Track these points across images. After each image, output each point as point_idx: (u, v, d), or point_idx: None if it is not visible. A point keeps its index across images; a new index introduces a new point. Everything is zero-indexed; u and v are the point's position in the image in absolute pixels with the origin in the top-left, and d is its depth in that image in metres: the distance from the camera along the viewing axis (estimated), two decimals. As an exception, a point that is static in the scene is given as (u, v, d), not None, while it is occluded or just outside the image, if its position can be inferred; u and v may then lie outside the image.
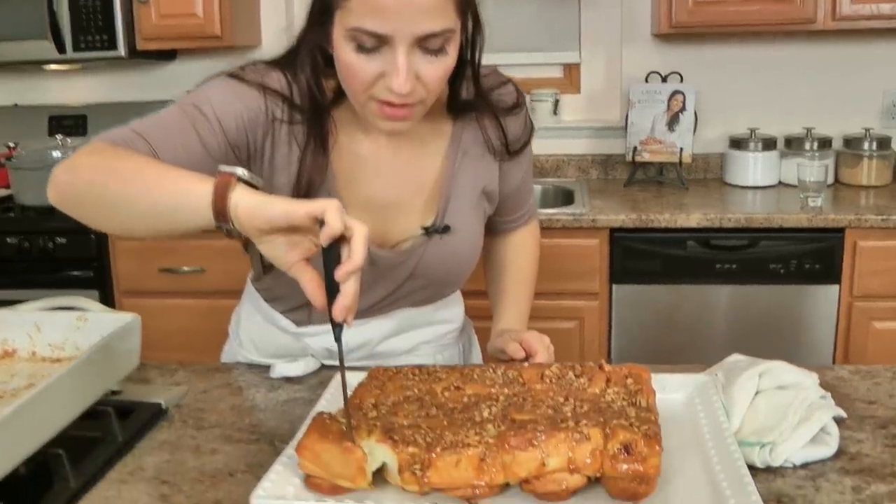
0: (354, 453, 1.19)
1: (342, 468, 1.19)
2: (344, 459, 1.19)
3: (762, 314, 3.23)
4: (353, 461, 1.19)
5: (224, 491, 1.31)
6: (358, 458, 1.19)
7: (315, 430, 1.23)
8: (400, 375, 1.46)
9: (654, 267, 3.25)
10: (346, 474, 1.19)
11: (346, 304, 1.20)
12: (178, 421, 1.54)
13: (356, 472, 1.19)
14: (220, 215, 1.22)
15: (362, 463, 1.19)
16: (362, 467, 1.19)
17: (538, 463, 1.18)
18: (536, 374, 1.43)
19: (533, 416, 1.28)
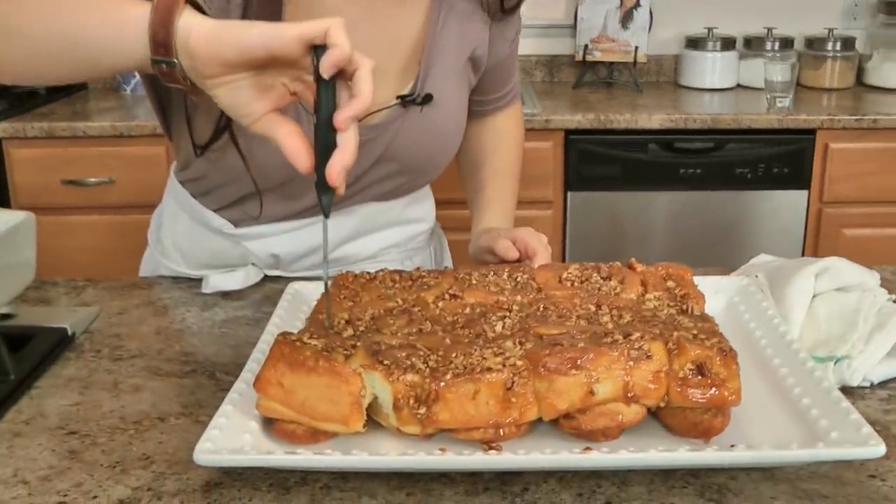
0: (349, 383, 0.86)
1: (329, 406, 0.86)
2: (331, 394, 0.86)
3: (727, 222, 2.98)
4: (346, 395, 0.86)
5: (153, 442, 0.97)
6: (353, 389, 0.86)
7: (282, 356, 0.90)
8: (376, 283, 1.13)
9: (613, 172, 2.97)
10: (335, 414, 0.86)
11: (346, 162, 0.87)
12: (88, 351, 1.18)
13: (350, 409, 0.86)
14: (161, 46, 0.87)
15: (359, 396, 0.86)
16: (358, 402, 0.86)
17: (584, 391, 0.87)
18: (553, 276, 1.11)
19: (564, 330, 0.96)
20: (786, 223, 2.98)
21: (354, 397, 0.86)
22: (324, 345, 0.91)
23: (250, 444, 0.89)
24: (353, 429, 0.86)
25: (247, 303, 1.33)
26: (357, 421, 0.86)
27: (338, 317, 1.03)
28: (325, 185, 0.89)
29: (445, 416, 0.87)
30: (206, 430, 0.89)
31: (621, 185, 2.95)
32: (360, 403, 0.86)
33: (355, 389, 0.86)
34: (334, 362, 0.87)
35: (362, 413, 0.86)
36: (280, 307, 1.17)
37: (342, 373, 0.86)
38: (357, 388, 0.86)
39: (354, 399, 0.86)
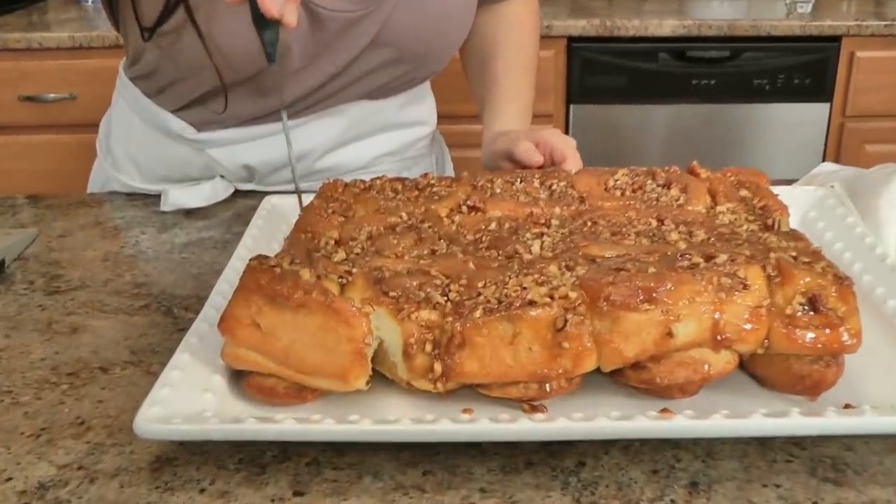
0: (351, 325, 0.63)
1: (322, 355, 0.63)
2: (325, 338, 0.63)
3: (742, 137, 2.73)
4: (346, 340, 0.63)
5: (91, 402, 0.74)
6: (356, 333, 0.63)
7: (257, 287, 0.66)
8: (373, 193, 0.89)
9: (619, 83, 2.71)
10: (330, 366, 0.63)
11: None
12: (20, 282, 0.95)
13: (351, 360, 0.63)
14: None
15: (363, 342, 0.63)
16: (361, 351, 0.63)
17: (660, 332, 0.64)
18: (597, 183, 0.88)
19: (623, 251, 0.73)
20: (805, 138, 2.73)
21: (357, 344, 0.62)
22: (311, 272, 0.68)
23: (213, 407, 0.66)
24: (354, 386, 0.64)
25: (213, 222, 1.09)
26: (359, 375, 0.63)
27: (325, 236, 0.80)
28: (264, 18, 0.67)
29: (473, 368, 0.64)
30: (154, 389, 0.66)
31: (628, 98, 2.68)
32: (364, 353, 0.63)
33: (359, 334, 0.62)
34: (331, 295, 0.63)
35: (366, 365, 0.63)
36: (253, 226, 0.93)
37: (342, 310, 0.62)
38: (361, 333, 0.62)
39: (356, 347, 0.63)
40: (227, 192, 1.15)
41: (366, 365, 0.63)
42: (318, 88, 1.08)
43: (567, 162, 1.03)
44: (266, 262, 0.67)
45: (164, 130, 1.14)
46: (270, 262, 0.68)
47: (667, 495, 0.61)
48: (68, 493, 0.63)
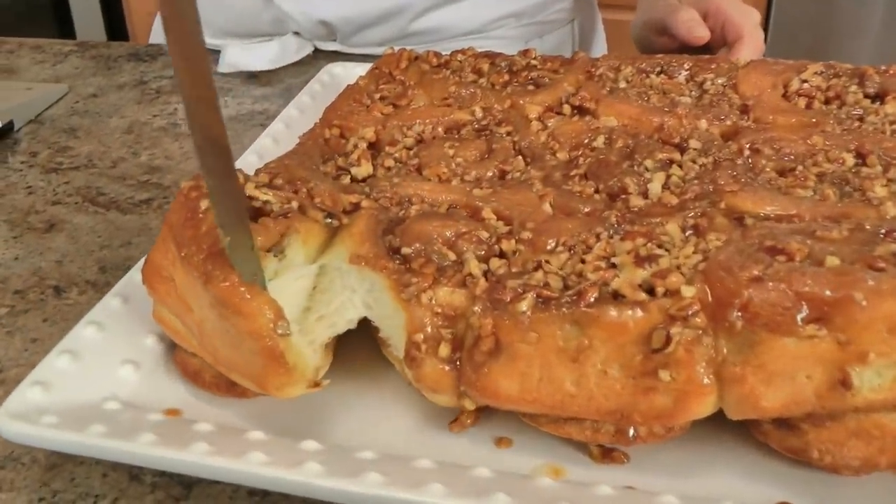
0: (246, 316, 0.38)
1: (233, 349, 0.39)
2: (224, 328, 0.39)
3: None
4: (247, 336, 0.38)
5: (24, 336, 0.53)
6: (257, 325, 0.38)
7: (172, 225, 0.42)
8: (445, 73, 0.61)
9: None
10: (246, 367, 0.39)
11: None
12: (21, 152, 0.75)
13: (264, 360, 0.38)
14: None
15: (269, 334, 0.38)
16: (272, 348, 0.38)
17: (831, 376, 0.35)
18: (772, 84, 0.57)
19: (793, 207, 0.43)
20: None
21: (263, 342, 0.38)
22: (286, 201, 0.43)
23: (129, 389, 0.43)
24: (281, 396, 0.39)
25: (275, 91, 0.84)
26: (281, 384, 0.39)
27: (357, 135, 0.54)
28: None
29: (511, 388, 0.38)
30: (47, 358, 0.44)
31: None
32: (279, 352, 0.38)
33: (260, 327, 0.38)
34: (218, 262, 0.39)
35: (287, 369, 0.38)
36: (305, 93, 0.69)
37: (226, 294, 0.38)
38: (264, 325, 0.38)
39: (265, 345, 0.38)
40: (300, 52, 0.89)
41: (285, 369, 0.38)
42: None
43: (742, 43, 0.72)
44: (199, 182, 0.43)
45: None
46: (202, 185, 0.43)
47: None
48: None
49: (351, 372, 0.45)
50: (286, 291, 0.39)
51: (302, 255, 0.41)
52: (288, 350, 0.38)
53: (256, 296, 0.38)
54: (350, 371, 0.45)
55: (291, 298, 0.40)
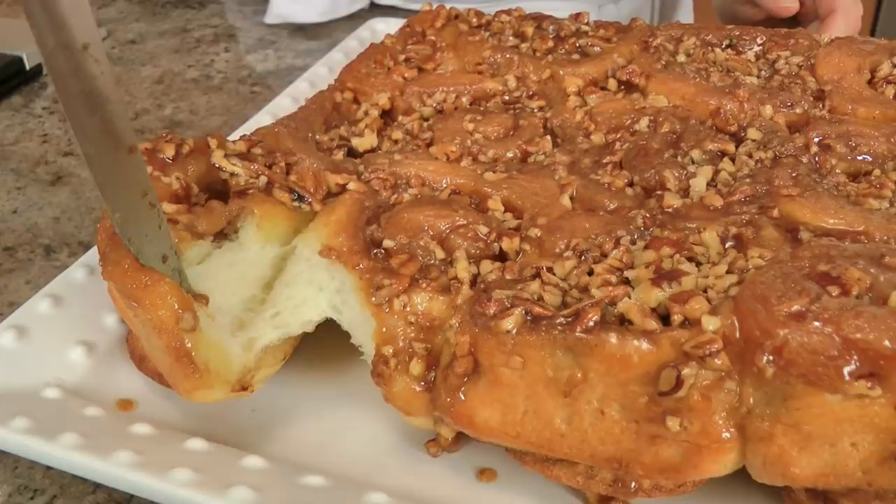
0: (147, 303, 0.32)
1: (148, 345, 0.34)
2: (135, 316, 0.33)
3: None
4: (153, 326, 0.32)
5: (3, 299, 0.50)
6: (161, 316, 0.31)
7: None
8: (485, 34, 0.54)
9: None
10: (161, 364, 0.34)
11: None
12: (44, 98, 0.71)
13: (172, 358, 0.32)
14: None
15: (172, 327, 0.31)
16: (177, 346, 0.31)
17: (881, 444, 0.28)
18: (855, 67, 0.48)
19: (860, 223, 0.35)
20: None
21: (169, 337, 0.32)
22: (255, 175, 0.37)
23: (79, 373, 0.38)
24: (191, 399, 0.33)
25: (322, 45, 0.77)
26: (193, 387, 0.32)
27: (370, 101, 0.48)
28: None
29: (491, 419, 0.31)
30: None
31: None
32: (186, 350, 0.32)
33: (164, 319, 0.32)
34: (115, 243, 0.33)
35: (197, 369, 0.32)
36: (326, 60, 0.62)
37: (125, 281, 0.32)
38: (167, 317, 0.32)
39: (169, 341, 0.32)
40: (354, 4, 0.82)
41: (193, 370, 0.32)
42: None
43: (834, 17, 0.63)
44: (159, 146, 0.37)
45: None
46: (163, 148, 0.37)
47: None
48: None
49: (323, 366, 0.38)
50: (224, 277, 0.33)
51: (256, 238, 0.35)
52: (197, 348, 0.32)
53: (157, 282, 0.32)
54: (322, 365, 0.38)
55: (232, 286, 0.34)
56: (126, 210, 0.31)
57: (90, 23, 0.27)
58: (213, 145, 0.38)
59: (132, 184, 0.31)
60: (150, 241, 0.32)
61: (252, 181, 0.36)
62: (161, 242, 0.32)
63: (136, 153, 0.30)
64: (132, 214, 0.32)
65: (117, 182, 0.31)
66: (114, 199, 0.31)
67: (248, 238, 0.35)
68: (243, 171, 0.37)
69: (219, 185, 0.38)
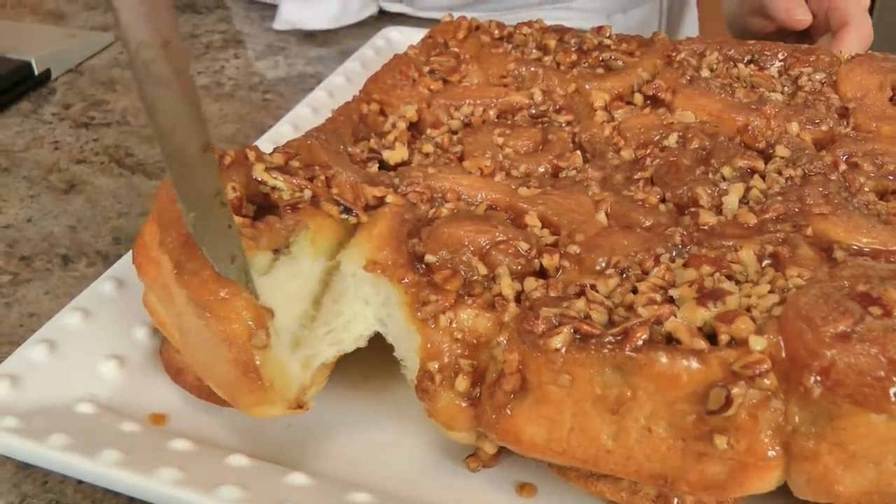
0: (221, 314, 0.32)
1: (210, 357, 0.34)
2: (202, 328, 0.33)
3: None
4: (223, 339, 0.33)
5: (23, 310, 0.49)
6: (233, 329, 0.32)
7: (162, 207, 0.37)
8: (508, 46, 0.55)
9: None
10: (221, 377, 0.34)
11: None
12: (54, 103, 0.71)
13: (237, 372, 0.32)
14: None
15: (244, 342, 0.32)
16: (246, 361, 0.32)
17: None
18: (878, 84, 0.49)
19: (893, 242, 0.37)
20: None
21: (238, 351, 0.33)
22: (298, 189, 0.38)
23: (111, 387, 0.39)
24: (252, 414, 0.34)
25: (331, 52, 0.79)
26: (254, 402, 0.33)
27: (397, 113, 0.49)
28: None
29: (535, 434, 0.33)
30: (22, 347, 0.39)
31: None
32: (253, 365, 0.33)
33: (236, 332, 0.33)
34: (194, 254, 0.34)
35: (263, 385, 0.33)
36: (343, 69, 0.63)
37: (201, 290, 0.33)
38: (240, 332, 0.32)
39: (237, 355, 0.33)
40: (363, 11, 0.83)
41: (259, 385, 0.33)
42: None
43: (847, 30, 0.64)
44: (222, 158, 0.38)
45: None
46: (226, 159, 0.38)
47: None
48: None
49: (359, 384, 0.39)
50: (282, 293, 0.34)
51: (310, 253, 0.36)
52: (265, 365, 0.33)
53: (235, 296, 0.33)
54: (358, 383, 0.39)
55: (289, 302, 0.35)
56: (200, 209, 0.32)
57: (171, 20, 0.29)
58: (252, 158, 0.39)
59: (206, 182, 0.32)
60: (221, 241, 0.33)
61: (298, 195, 0.37)
62: (230, 242, 0.33)
63: (210, 152, 0.32)
64: (205, 213, 0.33)
65: (192, 181, 0.32)
66: (188, 198, 0.32)
67: (301, 252, 0.36)
68: (285, 184, 0.38)
69: (258, 197, 0.39)
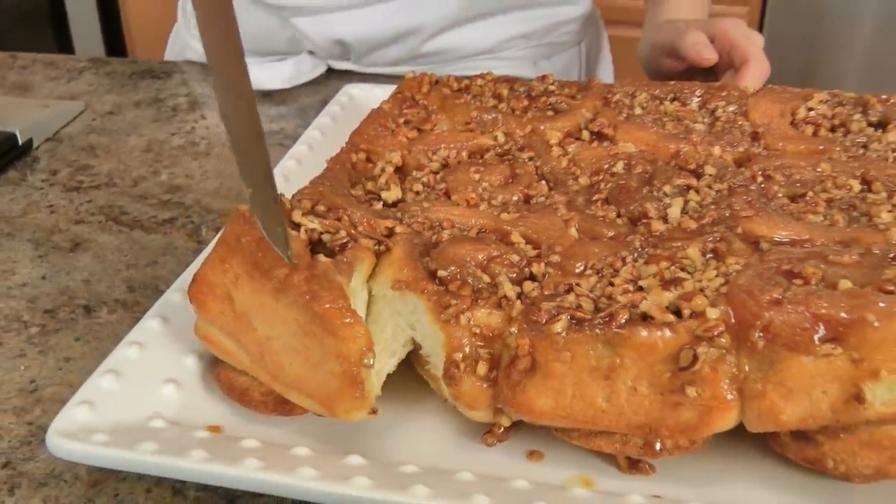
0: (342, 338, 0.41)
1: (305, 369, 0.42)
2: (309, 347, 0.42)
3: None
4: (334, 357, 0.41)
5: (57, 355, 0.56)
6: (349, 350, 0.41)
7: (237, 246, 0.45)
8: (466, 98, 0.65)
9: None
10: (316, 386, 0.42)
11: None
12: (41, 170, 0.78)
13: (342, 383, 0.41)
14: None
15: (356, 361, 0.41)
16: (353, 374, 0.41)
17: (846, 392, 0.38)
18: (780, 112, 0.61)
19: (805, 232, 0.47)
20: None
21: (348, 366, 0.41)
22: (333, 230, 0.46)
23: (172, 408, 0.46)
24: (345, 419, 0.42)
25: (291, 109, 0.88)
26: (351, 408, 0.42)
27: (383, 159, 0.58)
28: None
29: (546, 405, 0.42)
30: (92, 377, 0.47)
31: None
32: (359, 379, 0.41)
33: (352, 351, 0.41)
34: (323, 286, 0.42)
35: (362, 395, 0.41)
36: (325, 114, 0.72)
37: (329, 316, 0.41)
38: (355, 351, 0.41)
39: (347, 369, 0.41)
40: (315, 71, 0.93)
41: (360, 395, 0.41)
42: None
43: (748, 66, 0.76)
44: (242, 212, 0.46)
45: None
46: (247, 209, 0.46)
47: None
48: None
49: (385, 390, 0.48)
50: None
51: (361, 283, 0.45)
52: (367, 379, 0.41)
53: (357, 323, 0.41)
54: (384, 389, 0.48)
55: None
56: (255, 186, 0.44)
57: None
58: (288, 205, 0.47)
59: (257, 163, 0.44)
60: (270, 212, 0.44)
61: (336, 235, 0.46)
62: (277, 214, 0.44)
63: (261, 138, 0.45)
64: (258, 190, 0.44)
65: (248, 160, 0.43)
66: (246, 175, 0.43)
67: (356, 283, 0.44)
68: (321, 226, 0.46)
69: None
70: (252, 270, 0.43)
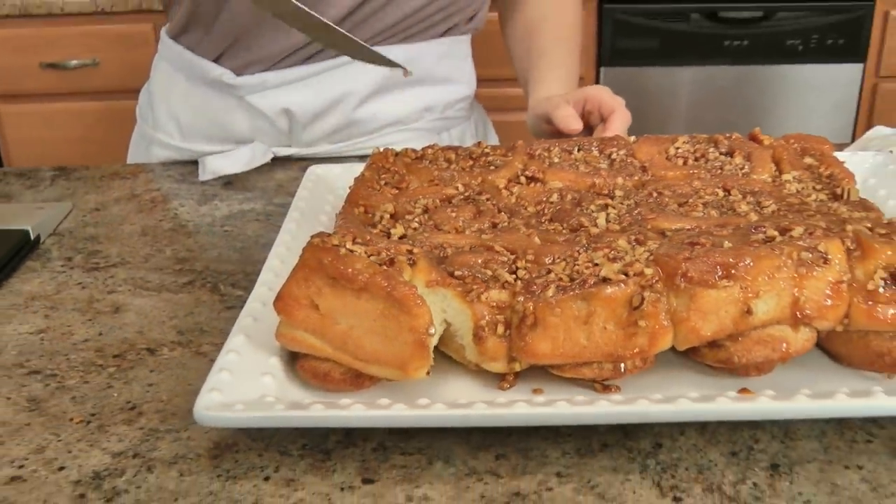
0: (413, 314, 0.60)
1: (382, 343, 0.61)
2: (386, 326, 0.61)
3: (774, 99, 2.69)
4: (407, 330, 0.60)
5: (141, 385, 0.71)
6: (418, 323, 0.60)
7: (319, 267, 0.63)
8: (425, 163, 0.86)
9: (651, 45, 2.67)
10: (389, 354, 0.61)
11: None
12: (56, 259, 0.93)
13: (412, 350, 0.60)
14: None
15: (425, 332, 0.60)
16: (423, 341, 0.60)
17: (738, 309, 0.61)
18: (657, 151, 0.85)
19: (693, 223, 0.70)
20: (838, 100, 2.68)
21: (419, 335, 0.60)
22: (375, 253, 0.65)
23: (273, 391, 0.63)
24: (414, 377, 0.61)
25: (255, 194, 1.06)
26: (420, 367, 0.61)
27: (380, 210, 0.77)
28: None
29: (546, 348, 0.62)
30: (211, 374, 0.63)
31: (660, 60, 2.63)
32: (426, 343, 0.60)
33: (421, 324, 0.60)
34: (396, 281, 0.61)
35: (427, 356, 0.61)
36: (299, 198, 0.90)
37: (405, 299, 0.60)
38: (424, 323, 0.60)
39: (418, 337, 0.60)
40: (265, 156, 1.14)
41: (427, 356, 0.60)
42: (349, 14, 1.08)
43: (614, 116, 1.00)
44: (329, 240, 0.65)
45: (206, 80, 1.15)
46: (333, 240, 0.65)
47: (749, 478, 0.59)
48: (125, 483, 0.60)
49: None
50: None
51: (408, 286, 0.65)
52: (430, 345, 0.60)
53: (424, 303, 0.60)
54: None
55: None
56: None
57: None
58: (339, 240, 0.66)
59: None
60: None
61: (380, 256, 0.64)
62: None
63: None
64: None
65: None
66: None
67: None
68: (367, 251, 0.65)
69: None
70: (334, 281, 0.62)
